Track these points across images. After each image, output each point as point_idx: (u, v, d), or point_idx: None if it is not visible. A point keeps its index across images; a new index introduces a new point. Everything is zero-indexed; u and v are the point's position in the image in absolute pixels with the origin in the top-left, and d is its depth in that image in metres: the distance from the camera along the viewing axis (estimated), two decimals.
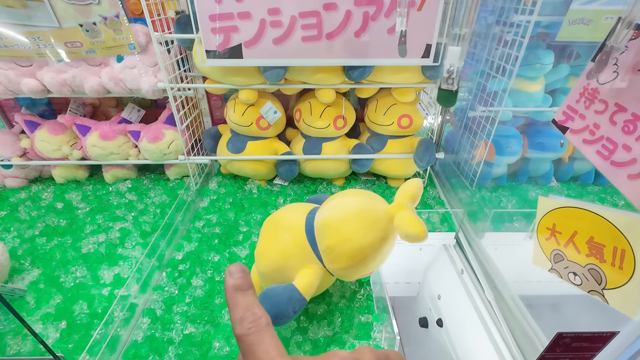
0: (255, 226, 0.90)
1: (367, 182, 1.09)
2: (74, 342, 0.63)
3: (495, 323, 0.72)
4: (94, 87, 0.88)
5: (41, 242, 0.84)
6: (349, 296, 0.71)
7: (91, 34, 0.82)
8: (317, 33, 0.75)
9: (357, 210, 0.56)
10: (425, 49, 0.77)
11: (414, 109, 0.96)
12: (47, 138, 0.99)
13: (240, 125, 0.96)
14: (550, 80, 0.95)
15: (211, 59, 0.78)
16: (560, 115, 0.54)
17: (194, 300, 0.70)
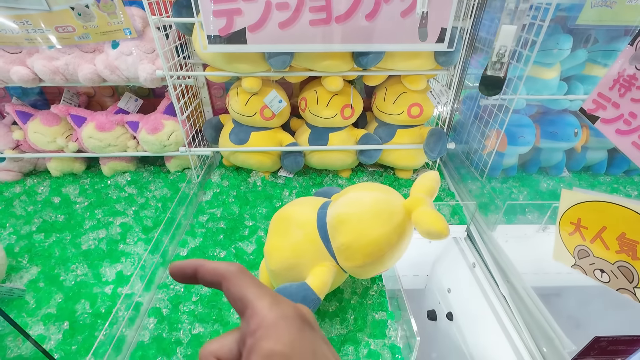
0: (261, 220, 0.87)
1: (375, 173, 1.06)
2: (78, 343, 0.60)
3: (510, 317, 0.71)
4: (88, 76, 0.83)
5: (39, 239, 0.81)
6: (361, 293, 0.69)
7: (84, 18, 0.76)
8: (326, 16, 0.71)
9: (373, 205, 0.54)
10: (439, 33, 0.73)
11: (424, 97, 0.92)
12: (40, 129, 0.94)
13: (243, 115, 0.92)
14: (567, 66, 0.91)
15: (213, 45, 0.73)
16: (589, 104, 0.51)
17: (201, 299, 0.67)
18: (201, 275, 0.22)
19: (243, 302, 0.20)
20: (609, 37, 0.90)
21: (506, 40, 0.61)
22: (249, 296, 0.20)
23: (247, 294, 0.20)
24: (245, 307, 0.20)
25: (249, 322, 0.20)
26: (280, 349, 0.18)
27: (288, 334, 0.19)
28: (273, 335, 0.18)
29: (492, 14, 0.92)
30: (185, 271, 0.23)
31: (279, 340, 0.18)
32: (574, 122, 0.98)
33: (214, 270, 0.22)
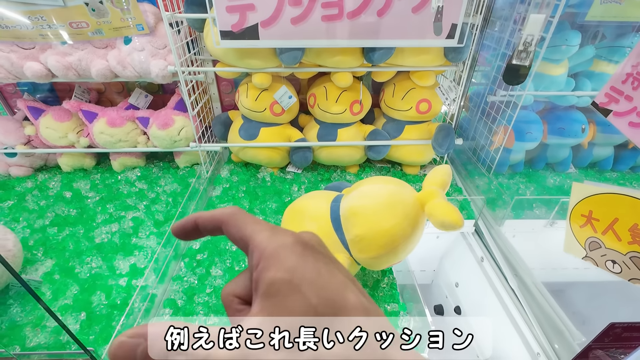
0: (271, 215, 0.88)
1: (382, 169, 1.07)
2: (95, 333, 0.61)
3: (520, 310, 0.72)
4: (101, 71, 0.84)
5: (52, 232, 0.82)
6: (372, 285, 0.70)
7: (97, 14, 0.77)
8: (337, 12, 0.71)
9: (388, 198, 0.54)
10: (450, 28, 0.74)
11: (433, 93, 0.93)
12: (52, 125, 0.95)
13: (253, 111, 0.93)
14: (575, 62, 0.91)
15: (225, 40, 0.74)
16: (602, 98, 0.52)
17: (215, 290, 0.68)
18: (202, 226, 0.23)
19: (244, 240, 0.21)
20: (617, 34, 0.90)
21: (534, 29, 0.61)
22: (248, 233, 0.20)
23: (246, 232, 0.21)
24: (247, 244, 0.20)
25: (252, 257, 0.20)
26: (280, 276, 0.18)
27: (288, 260, 0.19)
28: (273, 265, 0.18)
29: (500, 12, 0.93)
30: (186, 227, 0.23)
31: (279, 268, 0.18)
32: (581, 119, 0.98)
33: (212, 217, 0.22)
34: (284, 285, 0.18)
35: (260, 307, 0.18)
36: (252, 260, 0.20)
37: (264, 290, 0.18)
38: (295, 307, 0.17)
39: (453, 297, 0.95)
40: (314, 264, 0.19)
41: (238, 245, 0.21)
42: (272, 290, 0.18)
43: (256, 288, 0.19)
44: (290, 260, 0.19)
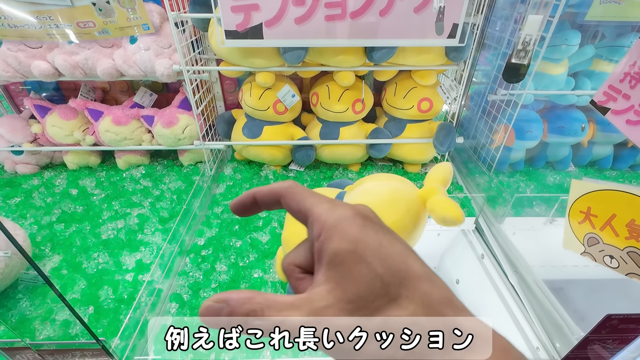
0: (274, 212, 0.89)
1: (384, 167, 1.08)
2: (103, 327, 0.63)
3: (520, 307, 0.73)
4: (107, 70, 0.85)
5: (59, 229, 0.83)
6: None
7: (104, 14, 0.78)
8: (341, 12, 0.73)
9: (390, 194, 0.56)
10: (451, 28, 0.75)
11: (434, 92, 0.94)
12: (58, 123, 0.97)
13: (256, 110, 0.94)
14: (575, 62, 0.92)
15: (230, 40, 0.75)
16: (600, 96, 0.53)
17: (220, 286, 0.70)
18: (260, 200, 0.23)
19: (303, 212, 0.21)
20: (617, 33, 0.91)
21: (532, 29, 0.63)
22: (307, 205, 0.21)
23: (305, 204, 0.21)
24: (306, 216, 0.21)
25: (312, 229, 0.20)
26: (344, 247, 0.18)
27: (350, 232, 0.19)
28: (335, 236, 0.19)
29: (501, 11, 0.94)
30: (245, 203, 0.24)
31: (342, 239, 0.19)
32: (581, 117, 0.99)
33: (270, 191, 0.23)
34: (349, 255, 0.18)
35: (325, 276, 0.19)
36: (312, 231, 0.20)
37: (328, 260, 0.19)
38: (362, 276, 0.18)
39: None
40: (375, 235, 0.19)
41: (297, 217, 0.22)
42: (336, 260, 0.18)
43: (319, 258, 0.19)
44: (353, 231, 0.19)
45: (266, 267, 0.74)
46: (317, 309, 0.18)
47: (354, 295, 0.18)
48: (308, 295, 0.18)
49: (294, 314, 0.18)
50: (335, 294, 0.18)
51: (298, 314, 0.18)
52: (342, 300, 0.18)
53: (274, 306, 0.18)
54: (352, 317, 0.17)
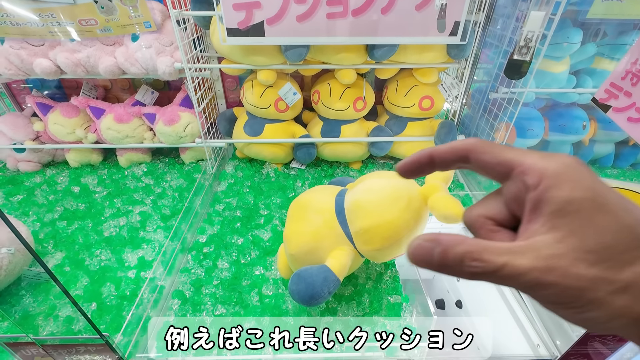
0: (275, 210, 0.89)
1: (385, 165, 1.08)
2: (106, 323, 0.63)
3: (520, 303, 0.73)
4: (109, 68, 0.86)
5: (62, 226, 0.84)
6: (375, 278, 0.72)
7: (106, 11, 0.79)
8: (342, 9, 0.73)
9: (392, 191, 0.56)
10: (453, 26, 0.75)
11: (435, 90, 0.94)
12: (60, 121, 0.97)
13: (258, 108, 0.94)
14: (576, 60, 0.92)
15: (232, 38, 0.75)
16: (601, 93, 0.53)
17: (222, 282, 0.70)
18: (439, 159, 0.23)
19: (504, 165, 0.20)
20: (618, 31, 0.91)
21: (534, 26, 0.63)
22: (511, 156, 0.20)
23: (507, 156, 0.20)
24: (510, 168, 0.20)
25: (522, 180, 0.19)
26: (580, 195, 0.17)
27: (584, 179, 0.18)
28: (565, 183, 0.18)
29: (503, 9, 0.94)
30: (421, 161, 0.23)
31: (576, 187, 0.18)
32: (582, 116, 0.99)
33: (453, 148, 0.22)
34: (586, 203, 0.17)
35: (549, 225, 0.18)
36: (523, 183, 0.19)
37: (556, 208, 0.18)
38: (606, 225, 0.17)
39: (454, 291, 0.97)
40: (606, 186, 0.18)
41: (490, 172, 0.21)
42: (569, 209, 0.17)
43: (537, 207, 0.18)
44: (586, 179, 0.18)
45: (267, 265, 0.74)
46: (545, 256, 0.17)
47: (597, 245, 0.17)
48: (528, 243, 0.18)
49: (518, 259, 0.17)
50: (568, 243, 0.17)
51: (523, 259, 0.17)
52: (579, 249, 0.17)
53: (492, 250, 0.17)
54: (595, 267, 0.16)
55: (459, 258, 0.18)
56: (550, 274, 0.16)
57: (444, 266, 0.18)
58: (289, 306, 0.66)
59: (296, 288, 0.55)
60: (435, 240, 0.18)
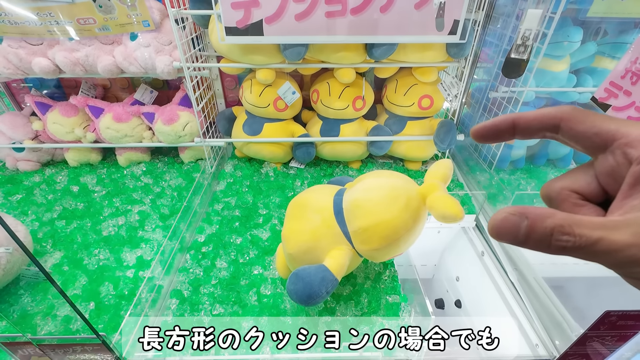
0: (274, 209, 0.89)
1: (384, 164, 1.08)
2: (104, 322, 0.63)
3: (519, 303, 0.73)
4: (107, 67, 0.85)
5: (61, 225, 0.84)
6: (373, 277, 0.71)
7: (104, 10, 0.78)
8: (341, 8, 0.72)
9: (390, 191, 0.55)
10: (452, 25, 0.74)
11: (435, 89, 0.94)
12: (59, 120, 0.97)
13: (256, 107, 0.94)
14: (576, 59, 0.92)
15: (230, 36, 0.75)
16: (601, 92, 0.53)
17: (220, 282, 0.70)
18: (524, 126, 0.21)
19: (604, 135, 0.19)
20: (619, 30, 0.91)
21: (532, 24, 0.63)
22: (614, 127, 0.19)
23: (608, 126, 0.19)
24: (612, 139, 0.19)
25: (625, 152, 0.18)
26: None
27: None
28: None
29: (503, 8, 0.94)
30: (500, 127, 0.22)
31: None
32: None
33: (543, 115, 0.21)
34: None
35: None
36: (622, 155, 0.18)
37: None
38: None
39: (454, 291, 0.97)
40: None
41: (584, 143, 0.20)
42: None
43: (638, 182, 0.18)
44: None
45: (266, 264, 0.74)
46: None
47: None
48: (626, 219, 0.17)
49: (614, 234, 0.16)
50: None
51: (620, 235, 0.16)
52: None
53: (585, 224, 0.17)
54: None
55: (549, 232, 0.17)
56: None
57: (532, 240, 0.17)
58: (287, 306, 0.66)
59: (294, 288, 0.55)
60: (523, 213, 0.18)
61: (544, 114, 0.21)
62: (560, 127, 0.20)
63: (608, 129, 0.19)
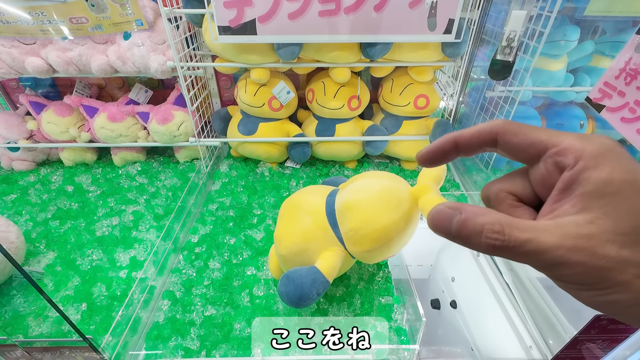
0: (269, 209, 0.89)
1: (381, 164, 1.07)
2: (96, 323, 0.63)
3: (514, 305, 0.72)
4: (101, 66, 0.85)
5: (54, 225, 0.83)
6: (367, 278, 0.71)
7: (97, 9, 0.78)
8: (335, 7, 0.72)
9: (382, 192, 0.55)
10: (447, 24, 0.74)
11: (431, 88, 0.93)
12: (54, 120, 0.97)
13: (251, 106, 0.93)
14: (574, 58, 0.91)
15: (223, 36, 0.74)
16: (595, 93, 0.52)
17: (213, 283, 0.70)
18: (465, 144, 0.22)
19: (537, 146, 0.20)
20: (617, 29, 0.90)
21: (516, 25, 0.62)
22: (544, 137, 0.19)
23: (539, 137, 0.20)
24: (544, 149, 0.19)
25: (556, 161, 0.19)
26: (621, 177, 0.17)
27: (625, 162, 0.17)
28: (605, 164, 0.17)
29: (500, 6, 0.93)
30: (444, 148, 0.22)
31: (615, 169, 0.17)
32: (580, 114, 0.98)
33: (479, 132, 0.21)
34: (626, 186, 0.17)
35: (581, 205, 0.17)
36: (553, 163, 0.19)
37: (592, 189, 0.17)
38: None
39: (449, 292, 0.96)
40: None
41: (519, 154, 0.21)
42: (607, 190, 0.17)
43: (570, 187, 0.18)
44: (626, 161, 0.18)
45: (259, 265, 0.74)
46: (574, 235, 0.16)
47: (631, 229, 0.16)
48: (555, 222, 0.17)
49: (543, 236, 0.17)
50: (599, 224, 0.16)
51: (548, 236, 0.16)
52: (611, 231, 0.16)
53: (515, 225, 0.17)
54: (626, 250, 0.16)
55: (479, 229, 0.17)
56: (577, 253, 0.16)
57: (462, 236, 0.18)
58: (279, 307, 0.65)
59: (285, 289, 0.54)
60: (458, 208, 0.18)
61: (480, 130, 0.21)
62: (497, 141, 0.21)
63: (540, 140, 0.20)
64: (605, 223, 0.17)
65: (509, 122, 0.21)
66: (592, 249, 0.16)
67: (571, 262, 0.16)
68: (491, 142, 0.21)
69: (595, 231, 0.17)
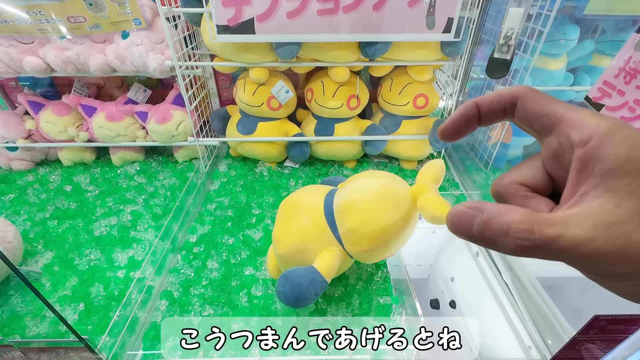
0: (267, 209, 0.88)
1: (380, 164, 1.07)
2: (93, 323, 0.63)
3: (512, 305, 0.72)
4: (99, 66, 0.85)
5: (52, 225, 0.83)
6: (365, 278, 0.71)
7: (95, 8, 0.78)
8: (333, 6, 0.71)
9: (380, 192, 0.55)
10: (446, 23, 0.73)
11: (430, 88, 0.93)
12: (52, 119, 0.96)
13: (250, 106, 0.93)
14: (573, 57, 0.91)
15: (222, 35, 0.74)
16: (595, 92, 0.52)
17: (211, 283, 0.69)
18: (486, 108, 0.21)
19: (551, 116, 0.19)
20: (617, 28, 0.89)
21: (513, 23, 0.62)
22: (560, 110, 0.19)
23: (556, 109, 0.19)
24: (557, 121, 0.19)
25: (567, 135, 0.18)
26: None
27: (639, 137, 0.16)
28: (622, 141, 0.16)
29: (499, 5, 0.92)
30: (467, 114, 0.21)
31: (633, 145, 0.16)
32: None
33: (500, 96, 0.21)
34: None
35: (604, 187, 0.16)
36: (568, 138, 0.18)
37: (612, 167, 0.16)
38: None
39: (448, 292, 0.96)
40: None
41: (533, 124, 0.20)
42: (630, 168, 0.16)
43: (587, 167, 0.17)
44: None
45: (258, 265, 0.73)
46: (606, 224, 0.15)
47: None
48: (582, 210, 0.16)
49: (574, 229, 0.15)
50: (627, 207, 0.15)
51: (580, 229, 0.15)
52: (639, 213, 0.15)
53: (543, 220, 0.16)
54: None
55: (504, 229, 0.16)
56: (613, 243, 0.15)
57: (486, 238, 0.16)
58: (277, 307, 0.65)
59: (283, 290, 0.54)
60: (479, 208, 0.17)
61: (502, 94, 0.21)
62: (516, 106, 0.20)
63: (555, 111, 0.19)
64: (632, 205, 0.16)
65: (532, 88, 0.20)
66: (626, 237, 0.15)
67: (608, 253, 0.15)
68: (511, 107, 0.21)
69: (626, 215, 0.15)
